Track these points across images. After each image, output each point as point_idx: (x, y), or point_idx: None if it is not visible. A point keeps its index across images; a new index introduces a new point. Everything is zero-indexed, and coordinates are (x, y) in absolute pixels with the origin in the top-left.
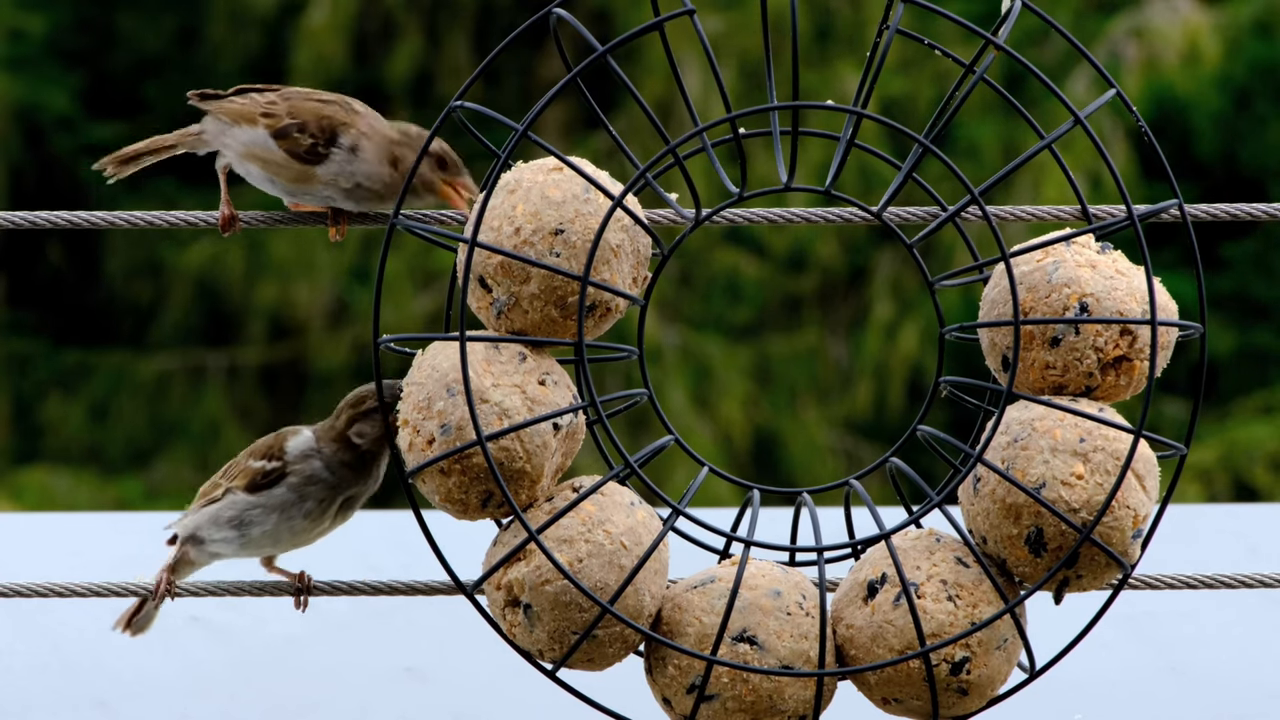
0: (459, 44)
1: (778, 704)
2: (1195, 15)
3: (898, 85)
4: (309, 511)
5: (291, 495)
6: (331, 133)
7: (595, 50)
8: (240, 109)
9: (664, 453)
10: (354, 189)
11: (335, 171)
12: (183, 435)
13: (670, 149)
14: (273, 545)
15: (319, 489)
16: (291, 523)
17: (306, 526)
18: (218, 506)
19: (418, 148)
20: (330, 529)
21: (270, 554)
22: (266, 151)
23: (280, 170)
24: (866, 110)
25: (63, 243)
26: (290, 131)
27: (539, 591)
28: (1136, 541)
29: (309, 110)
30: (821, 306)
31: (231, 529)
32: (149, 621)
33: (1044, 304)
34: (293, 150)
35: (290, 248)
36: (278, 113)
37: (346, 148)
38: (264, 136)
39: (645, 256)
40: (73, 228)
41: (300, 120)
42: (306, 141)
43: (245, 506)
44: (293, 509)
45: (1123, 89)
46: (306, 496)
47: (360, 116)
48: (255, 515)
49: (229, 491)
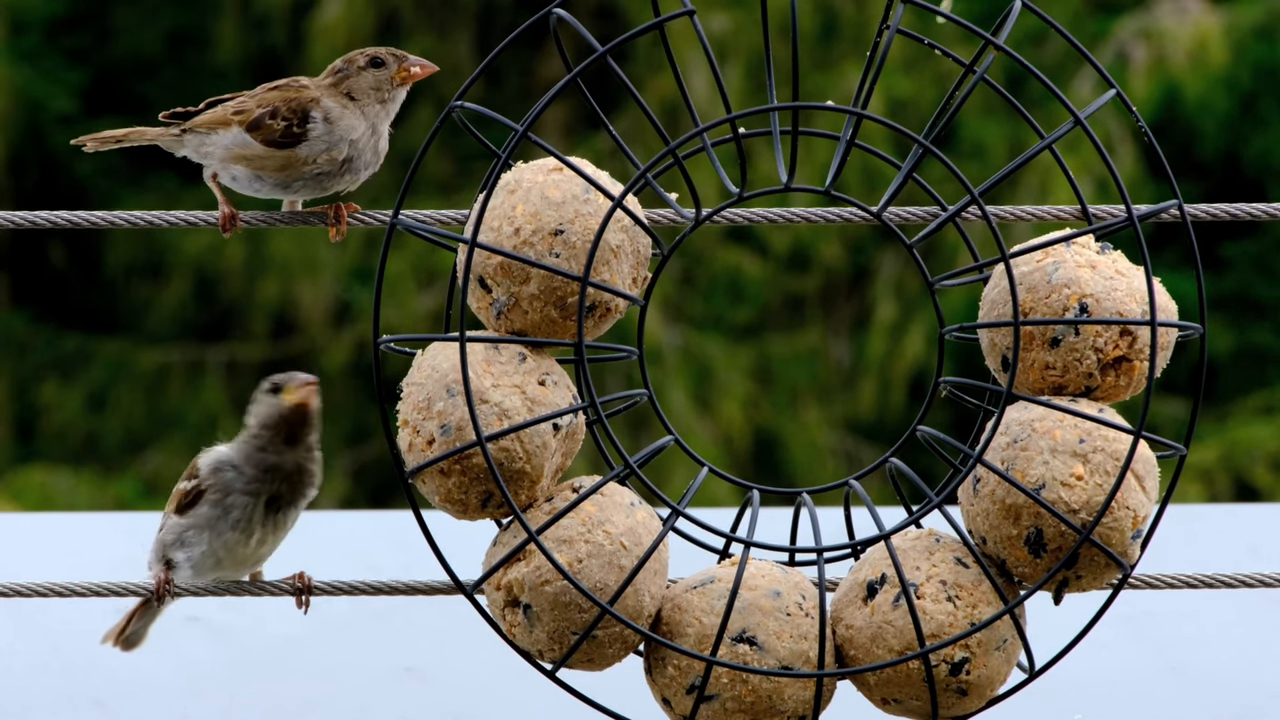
0: (460, 43)
1: (777, 704)
2: (1204, 17)
3: (903, 87)
4: (236, 522)
5: (215, 511)
6: (302, 112)
7: (595, 50)
8: (212, 116)
9: (664, 453)
10: (348, 159)
11: (318, 149)
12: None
13: (670, 149)
14: (216, 566)
15: (237, 498)
16: (224, 538)
17: (239, 539)
18: (163, 533)
19: (353, 71)
20: (272, 537)
21: (234, 575)
22: (245, 147)
23: (264, 163)
24: (867, 110)
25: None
26: (263, 120)
27: (539, 592)
28: (1136, 542)
29: (274, 97)
30: (824, 307)
31: (180, 552)
32: (141, 637)
33: (1044, 304)
34: (269, 138)
35: (293, 246)
36: (247, 108)
37: (321, 120)
38: (239, 134)
39: (645, 257)
40: (73, 227)
41: (270, 107)
42: (280, 125)
43: (181, 529)
44: (220, 524)
45: (1131, 90)
46: (230, 508)
47: (307, 88)
48: (190, 537)
49: (167, 516)
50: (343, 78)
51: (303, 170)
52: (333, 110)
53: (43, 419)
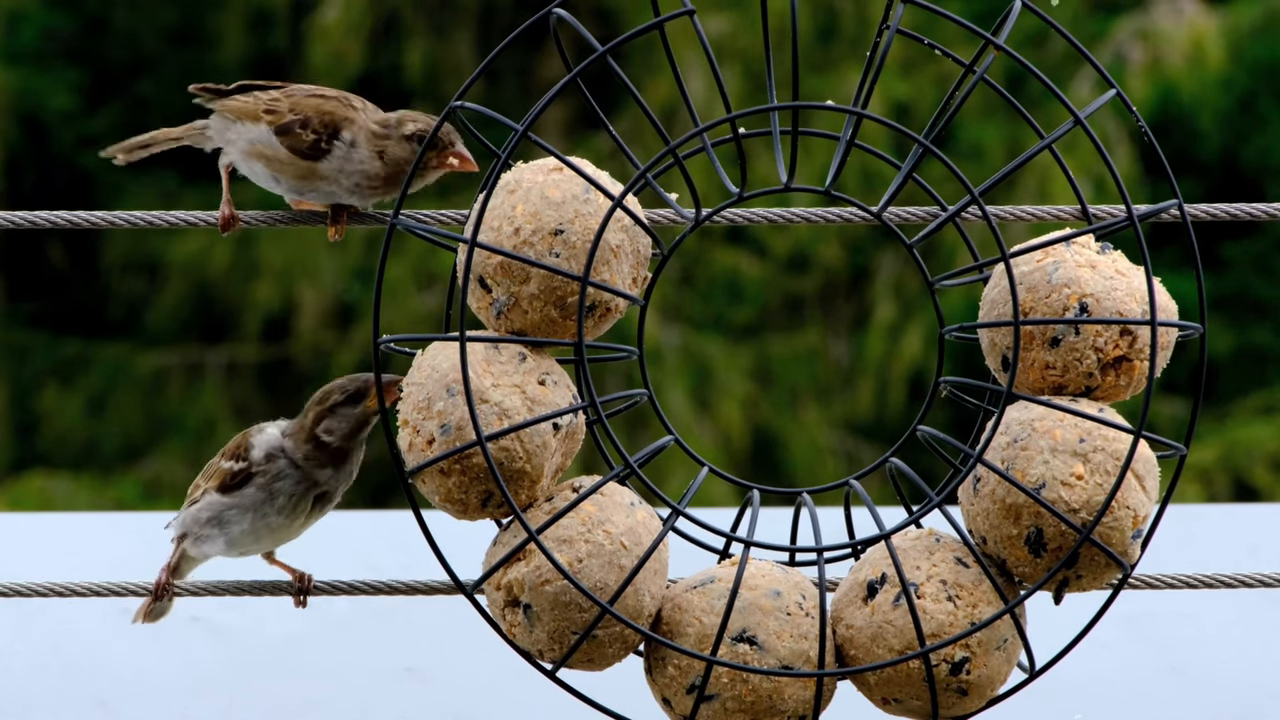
0: (461, 43)
1: (777, 704)
2: (1200, 18)
3: (902, 88)
4: (282, 508)
5: (262, 494)
6: (334, 128)
7: (595, 50)
8: (243, 106)
9: (663, 453)
10: (356, 186)
11: (337, 167)
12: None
13: (670, 149)
14: (255, 543)
15: (288, 485)
16: (267, 520)
17: (284, 523)
18: (197, 508)
19: (396, 136)
20: (309, 523)
21: (260, 550)
22: (270, 149)
23: (284, 168)
24: (867, 110)
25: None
26: (293, 128)
27: (539, 591)
28: (1136, 542)
29: (310, 106)
30: (823, 307)
31: (213, 528)
32: (164, 610)
33: (1044, 304)
34: (295, 146)
35: (293, 246)
36: (280, 109)
37: (347, 143)
38: (267, 133)
39: (645, 257)
40: (73, 227)
41: (303, 116)
42: (309, 137)
43: (221, 507)
44: (265, 507)
45: (1128, 91)
46: (277, 494)
47: (359, 111)
48: (231, 515)
49: (205, 492)
50: (384, 136)
51: (320, 184)
52: (358, 138)
53: (44, 424)
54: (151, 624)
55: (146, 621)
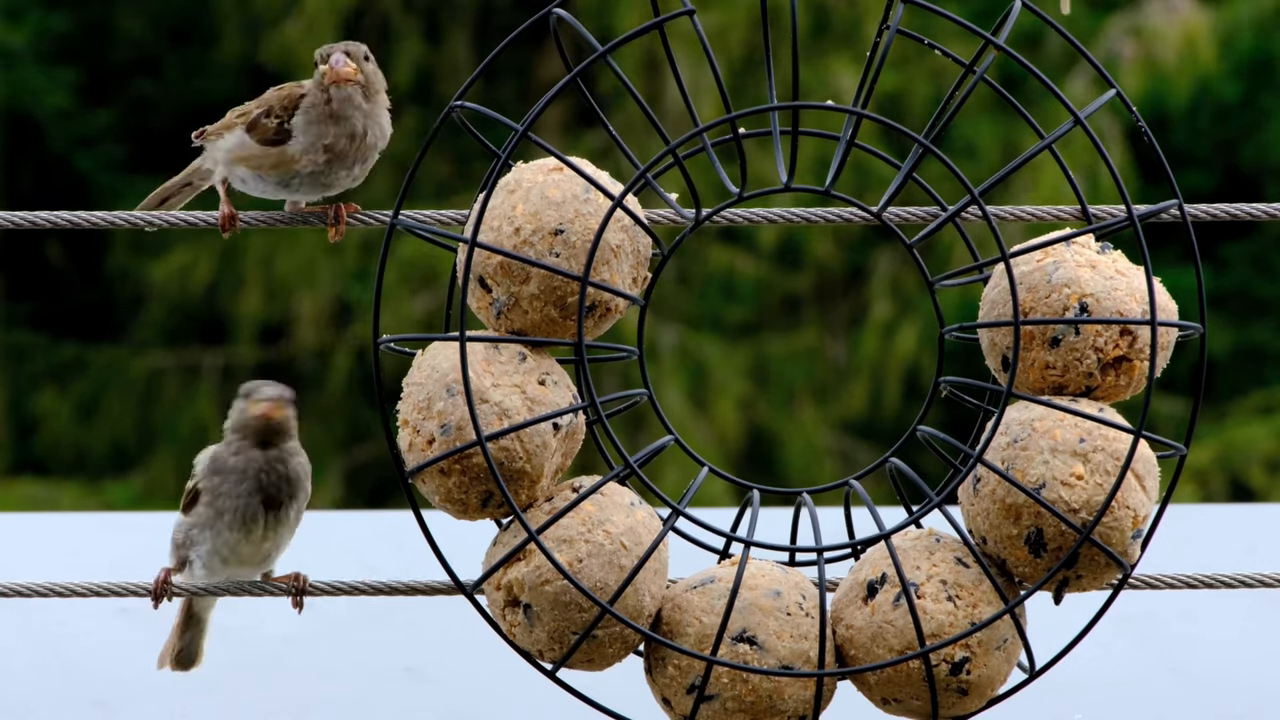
0: (458, 44)
1: (777, 704)
2: (1193, 15)
3: (892, 81)
4: (231, 524)
5: (210, 511)
6: (293, 108)
7: (594, 50)
8: (221, 123)
9: (661, 453)
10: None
11: (306, 144)
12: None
13: (670, 149)
14: (224, 564)
15: (227, 500)
16: (223, 537)
17: (241, 539)
18: (175, 531)
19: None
20: (274, 535)
21: (242, 571)
22: (244, 148)
23: (260, 162)
24: (866, 110)
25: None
26: (259, 120)
27: (539, 591)
28: (1136, 542)
29: (275, 97)
30: (820, 306)
31: (186, 549)
32: (195, 654)
33: (1044, 304)
34: (263, 137)
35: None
36: (248, 110)
37: (304, 110)
38: (239, 135)
39: (645, 256)
40: (72, 227)
41: (266, 106)
42: (273, 123)
43: (187, 528)
44: (217, 523)
45: (1120, 88)
46: (222, 510)
47: (301, 87)
48: (195, 535)
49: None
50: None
51: (294, 168)
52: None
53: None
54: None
55: (175, 670)
